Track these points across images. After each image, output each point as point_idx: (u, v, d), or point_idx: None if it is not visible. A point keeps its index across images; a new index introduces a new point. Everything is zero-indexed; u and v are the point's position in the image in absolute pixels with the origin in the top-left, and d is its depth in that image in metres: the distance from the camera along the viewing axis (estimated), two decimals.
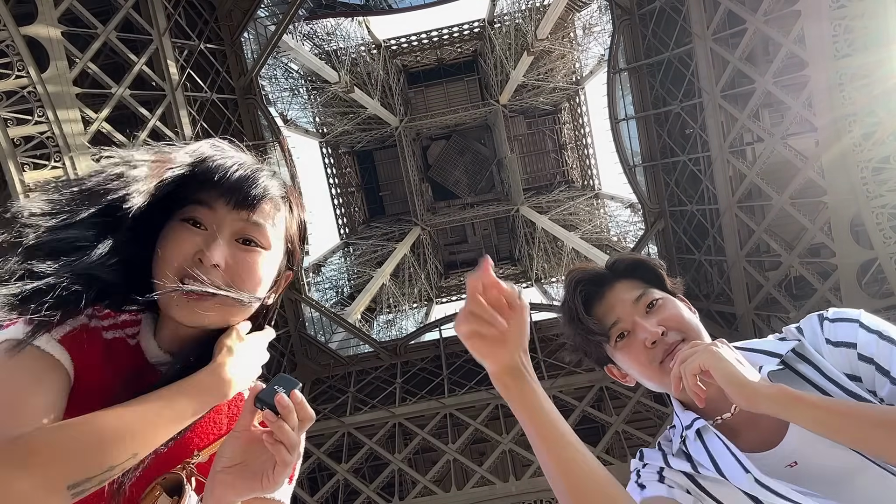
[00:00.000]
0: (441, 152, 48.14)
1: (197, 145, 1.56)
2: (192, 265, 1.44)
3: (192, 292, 1.42)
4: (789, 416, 1.59)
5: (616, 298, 2.01)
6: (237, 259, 1.50)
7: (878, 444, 1.50)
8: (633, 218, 37.84)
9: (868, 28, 17.13)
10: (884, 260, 18.09)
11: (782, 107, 21.25)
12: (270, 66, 34.22)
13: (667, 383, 1.88)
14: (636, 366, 1.97)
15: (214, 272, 1.45)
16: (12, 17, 18.17)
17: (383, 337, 36.31)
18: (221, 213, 1.50)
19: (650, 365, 1.92)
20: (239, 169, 1.52)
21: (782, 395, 1.59)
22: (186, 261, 1.45)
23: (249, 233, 1.53)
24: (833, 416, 1.54)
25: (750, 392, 1.61)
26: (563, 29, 37.92)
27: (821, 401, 1.59)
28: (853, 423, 1.52)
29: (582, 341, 2.09)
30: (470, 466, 23.23)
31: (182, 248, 1.45)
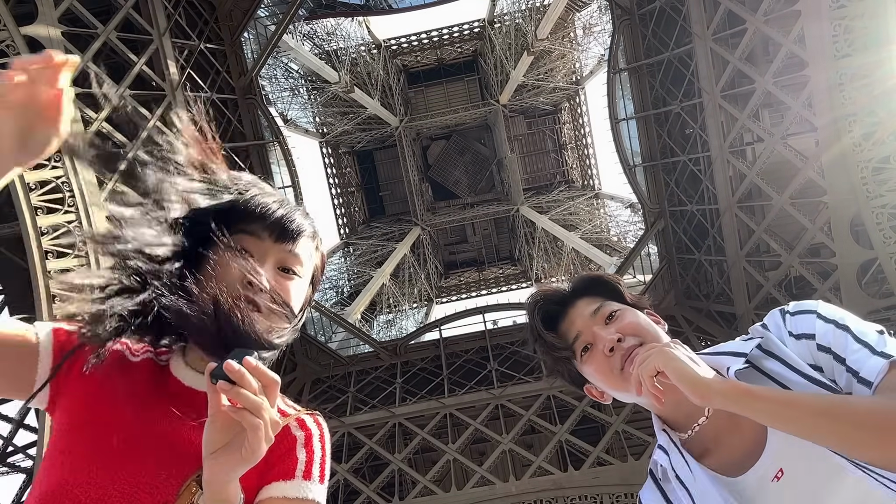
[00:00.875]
0: (441, 152, 48.16)
1: (238, 176, 1.82)
2: (242, 290, 1.64)
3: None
4: (741, 409, 1.62)
5: (576, 314, 2.09)
6: (279, 283, 1.73)
7: (823, 433, 1.53)
8: (633, 218, 37.85)
9: (868, 28, 17.14)
10: (884, 260, 18.10)
11: (782, 107, 21.26)
12: (270, 66, 34.25)
13: (626, 392, 1.95)
14: (600, 376, 2.02)
15: (262, 293, 1.66)
16: (12, 17, 18.16)
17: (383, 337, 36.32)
18: (267, 244, 1.74)
19: (612, 373, 1.97)
20: (281, 207, 1.77)
21: (733, 389, 1.63)
22: (237, 283, 1.64)
23: (289, 263, 1.78)
24: (781, 407, 1.57)
25: (703, 389, 1.65)
26: (563, 29, 37.93)
27: (770, 393, 1.63)
28: (799, 413, 1.55)
29: (552, 361, 2.15)
30: (470, 466, 23.24)
31: (231, 273, 1.64)
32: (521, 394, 25.65)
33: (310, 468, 1.69)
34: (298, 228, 1.78)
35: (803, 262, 21.04)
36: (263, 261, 1.72)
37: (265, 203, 1.75)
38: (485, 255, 49.83)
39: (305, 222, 1.81)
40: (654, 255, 29.42)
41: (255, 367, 1.41)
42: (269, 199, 1.78)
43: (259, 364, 1.43)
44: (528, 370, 26.94)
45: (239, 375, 1.38)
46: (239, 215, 1.73)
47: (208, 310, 1.57)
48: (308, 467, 1.69)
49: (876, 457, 1.51)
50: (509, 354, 28.38)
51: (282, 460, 1.67)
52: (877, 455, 1.50)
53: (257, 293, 1.65)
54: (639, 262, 30.56)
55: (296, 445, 1.71)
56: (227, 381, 1.37)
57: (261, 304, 1.65)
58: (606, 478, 21.75)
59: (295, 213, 1.80)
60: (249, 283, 1.65)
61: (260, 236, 1.73)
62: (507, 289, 49.21)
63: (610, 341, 1.96)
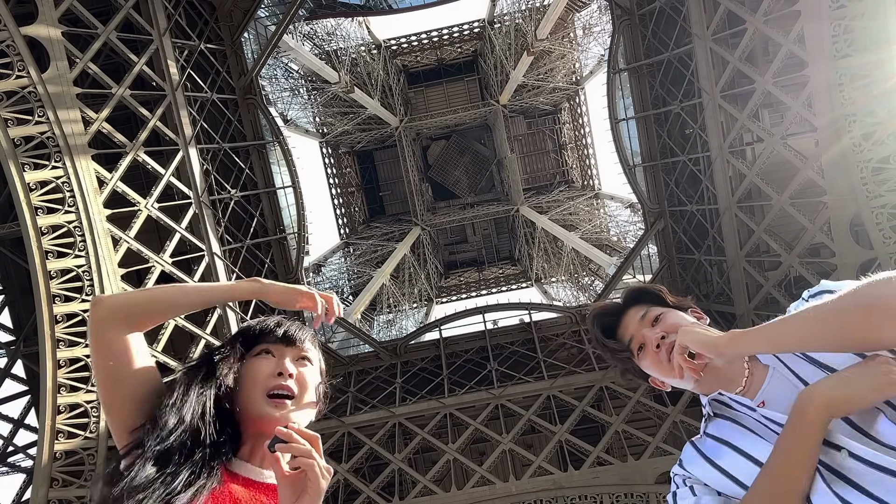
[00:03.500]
0: (441, 152, 48.16)
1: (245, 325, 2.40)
2: (275, 379, 2.17)
3: (276, 396, 2.15)
4: (745, 349, 2.08)
5: (628, 320, 2.57)
6: (299, 372, 2.26)
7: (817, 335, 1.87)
8: (633, 218, 37.85)
9: (868, 28, 17.13)
10: (884, 260, 18.09)
11: (782, 107, 21.26)
12: (270, 66, 34.25)
13: (683, 380, 2.39)
14: (655, 368, 2.48)
15: (290, 380, 2.19)
16: (12, 17, 18.16)
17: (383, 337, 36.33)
18: (282, 349, 2.29)
19: (662, 365, 2.43)
20: (283, 324, 2.34)
21: (732, 336, 2.10)
22: (270, 377, 2.18)
23: (303, 356, 2.32)
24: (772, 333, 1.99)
25: (712, 344, 2.14)
26: (563, 29, 37.94)
27: (759, 328, 2.04)
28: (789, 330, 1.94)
29: (619, 362, 2.63)
30: (470, 466, 23.24)
31: (264, 370, 2.20)
32: (521, 394, 25.66)
33: None
34: (301, 333, 2.34)
35: (803, 262, 21.05)
36: (283, 358, 2.25)
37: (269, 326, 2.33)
38: (485, 255, 49.84)
39: (305, 330, 2.38)
40: (654, 255, 29.42)
41: (298, 429, 1.90)
42: (270, 322, 2.34)
43: (301, 427, 1.93)
44: (529, 370, 26.95)
45: (288, 435, 1.87)
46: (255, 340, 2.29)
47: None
48: None
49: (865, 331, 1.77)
50: (509, 354, 28.38)
51: None
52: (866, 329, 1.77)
53: (287, 378, 2.18)
54: (639, 262, 30.56)
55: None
56: (281, 442, 1.85)
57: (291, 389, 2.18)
58: (606, 478, 21.75)
59: (293, 325, 2.36)
60: (279, 374, 2.18)
61: (275, 344, 2.28)
62: (507, 289, 49.22)
63: (655, 339, 2.43)
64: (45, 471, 18.27)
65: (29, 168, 18.29)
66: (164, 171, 21.71)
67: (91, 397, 18.76)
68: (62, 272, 18.64)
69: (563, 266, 42.01)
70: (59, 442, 18.51)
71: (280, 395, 2.15)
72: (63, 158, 18.72)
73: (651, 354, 2.45)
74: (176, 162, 22.17)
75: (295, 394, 2.17)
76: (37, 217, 18.35)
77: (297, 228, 28.95)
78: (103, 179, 19.72)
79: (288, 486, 1.84)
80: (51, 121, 18.56)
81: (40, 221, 18.40)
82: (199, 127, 24.13)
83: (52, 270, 18.48)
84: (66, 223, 18.76)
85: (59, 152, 18.65)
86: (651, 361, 2.46)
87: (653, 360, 2.45)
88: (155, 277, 20.76)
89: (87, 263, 18.92)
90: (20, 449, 23.69)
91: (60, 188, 18.70)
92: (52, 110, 18.61)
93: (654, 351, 2.43)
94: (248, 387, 2.15)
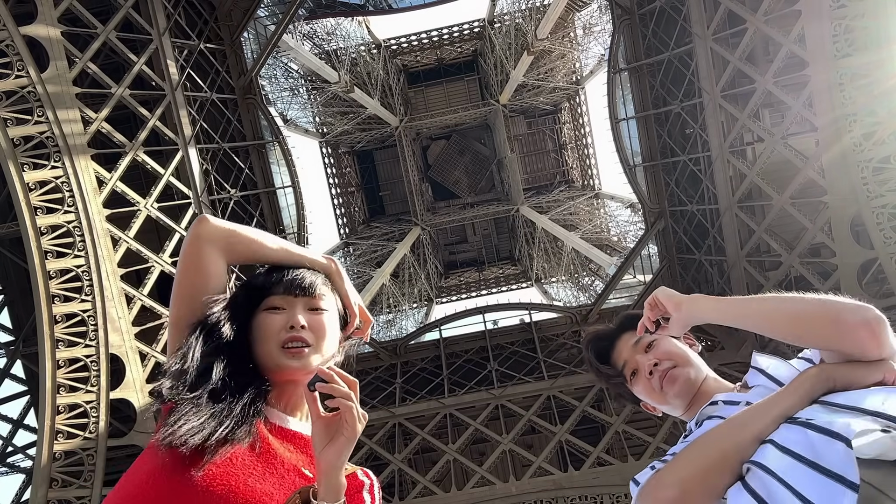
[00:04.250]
0: (441, 152, 48.13)
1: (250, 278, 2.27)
2: (286, 334, 2.07)
3: (292, 348, 2.06)
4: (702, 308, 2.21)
5: (622, 346, 2.61)
6: (313, 320, 2.14)
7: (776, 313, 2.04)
8: (633, 218, 37.82)
9: (868, 28, 17.12)
10: (884, 260, 18.07)
11: (782, 107, 21.24)
12: (270, 65, 34.22)
13: (671, 406, 2.48)
14: (646, 394, 2.53)
15: (303, 331, 2.08)
16: (12, 17, 18.15)
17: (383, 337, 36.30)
18: (291, 300, 2.15)
19: (654, 391, 2.48)
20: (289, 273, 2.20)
21: (696, 296, 2.26)
22: (281, 332, 2.07)
23: (315, 304, 2.18)
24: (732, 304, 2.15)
25: (677, 299, 2.26)
26: (563, 29, 37.90)
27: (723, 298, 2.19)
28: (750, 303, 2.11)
29: (612, 387, 2.69)
30: (470, 466, 23.23)
31: (275, 325, 2.08)
32: (521, 394, 25.64)
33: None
34: (312, 280, 2.21)
35: (803, 262, 21.03)
36: (295, 310, 2.13)
37: (275, 276, 2.20)
38: (485, 255, 49.81)
39: (316, 278, 2.23)
40: (654, 255, 29.41)
41: (339, 371, 1.85)
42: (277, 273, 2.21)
43: (341, 371, 1.86)
44: (529, 370, 26.94)
45: (330, 375, 1.82)
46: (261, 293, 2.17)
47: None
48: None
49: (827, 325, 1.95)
50: (509, 354, 28.37)
51: (351, 499, 2.00)
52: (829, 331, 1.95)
53: (299, 331, 2.07)
54: (639, 262, 30.55)
55: (363, 489, 2.12)
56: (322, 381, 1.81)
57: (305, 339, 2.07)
58: (606, 478, 21.73)
59: (303, 273, 2.21)
60: (291, 326, 2.07)
61: (285, 297, 2.15)
62: (507, 289, 49.19)
63: (648, 366, 2.47)
64: (44, 471, 18.25)
65: (28, 168, 18.27)
66: (164, 170, 21.69)
67: (90, 398, 18.74)
68: (62, 272, 18.62)
69: (563, 266, 41.99)
70: (58, 442, 18.49)
71: (295, 346, 2.07)
72: (62, 158, 18.70)
73: (643, 381, 2.50)
74: (175, 162, 22.15)
75: (311, 343, 2.08)
76: (36, 217, 18.33)
77: (297, 228, 28.94)
78: (103, 179, 19.70)
79: (323, 428, 1.81)
80: (50, 121, 18.54)
81: (40, 221, 18.38)
82: (199, 127, 24.11)
83: (51, 270, 18.46)
84: (66, 223, 18.74)
85: (59, 152, 18.64)
86: (643, 387, 2.51)
87: (645, 386, 2.50)
88: (154, 277, 20.74)
89: (86, 263, 18.90)
90: (19, 449, 23.67)
91: (60, 188, 18.68)
92: (52, 110, 18.60)
93: (646, 377, 2.48)
94: (260, 343, 2.07)
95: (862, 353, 1.93)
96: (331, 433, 1.81)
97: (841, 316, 1.93)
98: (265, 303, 2.14)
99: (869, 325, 1.91)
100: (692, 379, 2.42)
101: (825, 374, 1.94)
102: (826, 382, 1.93)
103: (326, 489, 1.78)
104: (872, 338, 1.91)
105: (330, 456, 1.79)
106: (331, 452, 1.79)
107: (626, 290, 31.82)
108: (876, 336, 1.91)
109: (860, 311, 1.93)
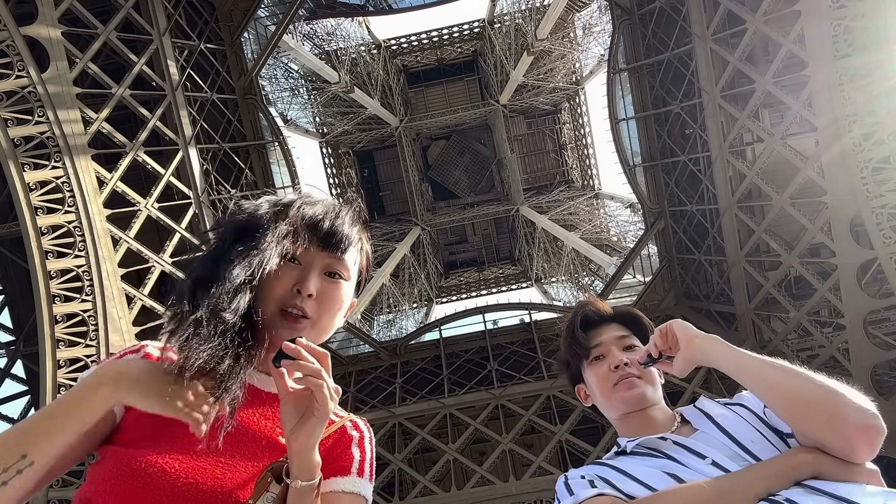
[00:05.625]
0: (441, 152, 48.13)
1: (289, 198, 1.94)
2: (291, 297, 1.83)
3: (290, 315, 1.82)
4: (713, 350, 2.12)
5: (607, 330, 2.57)
6: (325, 289, 1.89)
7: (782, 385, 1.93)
8: (633, 218, 37.84)
9: (868, 28, 17.12)
10: (884, 260, 18.07)
11: (782, 107, 21.25)
12: (270, 66, 34.23)
13: (612, 399, 2.43)
14: (599, 381, 2.49)
15: (308, 301, 1.84)
16: (12, 17, 18.16)
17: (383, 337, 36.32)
18: (313, 253, 1.89)
19: (606, 384, 2.45)
20: (327, 218, 1.91)
21: (712, 337, 2.16)
22: (286, 293, 1.83)
23: (336, 268, 1.93)
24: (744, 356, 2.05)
25: (691, 333, 2.19)
26: (563, 29, 37.92)
27: (739, 348, 2.10)
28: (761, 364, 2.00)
29: (569, 354, 2.63)
30: (470, 466, 23.24)
31: (283, 282, 1.83)
32: (521, 394, 25.66)
33: (363, 466, 1.91)
34: (346, 238, 1.92)
35: (803, 262, 21.04)
36: (311, 268, 1.87)
37: (313, 215, 1.90)
38: (485, 255, 49.82)
39: (352, 232, 1.95)
40: (654, 255, 29.42)
41: (306, 345, 1.65)
42: (317, 211, 1.92)
43: (309, 343, 1.67)
44: (528, 370, 26.95)
45: (296, 351, 1.62)
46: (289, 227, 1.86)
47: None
48: (361, 465, 1.91)
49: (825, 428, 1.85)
50: (509, 354, 28.38)
51: (340, 457, 1.89)
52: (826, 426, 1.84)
53: (304, 300, 1.83)
54: (639, 262, 30.56)
55: (351, 444, 1.94)
56: (287, 358, 1.62)
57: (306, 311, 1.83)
58: None
59: (344, 223, 1.93)
60: (298, 291, 1.83)
61: (307, 246, 1.87)
62: (507, 289, 49.21)
63: (619, 360, 2.45)
64: None
65: (29, 168, 18.28)
66: (164, 171, 21.71)
67: None
68: (62, 272, 18.63)
69: (563, 266, 42.00)
70: None
71: (294, 314, 1.84)
72: (63, 158, 18.71)
73: (603, 371, 2.46)
74: (176, 162, 22.18)
75: (311, 316, 1.84)
76: (37, 217, 18.33)
77: None
78: (103, 179, 19.72)
79: (292, 406, 1.64)
80: (51, 121, 18.55)
81: (40, 221, 18.38)
82: (199, 127, 24.13)
83: (51, 270, 18.47)
84: (66, 223, 18.75)
85: (59, 152, 18.65)
86: (600, 375, 2.47)
87: (601, 376, 2.47)
88: (155, 277, 20.77)
89: (86, 263, 18.91)
90: None
91: (60, 188, 18.69)
92: (52, 110, 18.61)
93: (609, 369, 2.45)
94: (263, 293, 1.80)
95: (848, 455, 1.85)
96: (301, 411, 1.64)
97: (842, 411, 1.82)
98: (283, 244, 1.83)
99: (868, 434, 1.82)
100: (647, 397, 2.38)
101: (817, 464, 1.86)
102: (815, 469, 1.86)
103: (298, 469, 1.65)
104: (866, 445, 1.83)
105: (300, 437, 1.63)
106: (301, 433, 1.63)
107: (626, 290, 31.84)
108: (870, 445, 1.83)
109: (865, 415, 1.82)
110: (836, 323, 20.82)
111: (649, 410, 2.37)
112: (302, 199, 1.95)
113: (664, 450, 2.14)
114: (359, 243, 2.00)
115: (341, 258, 1.92)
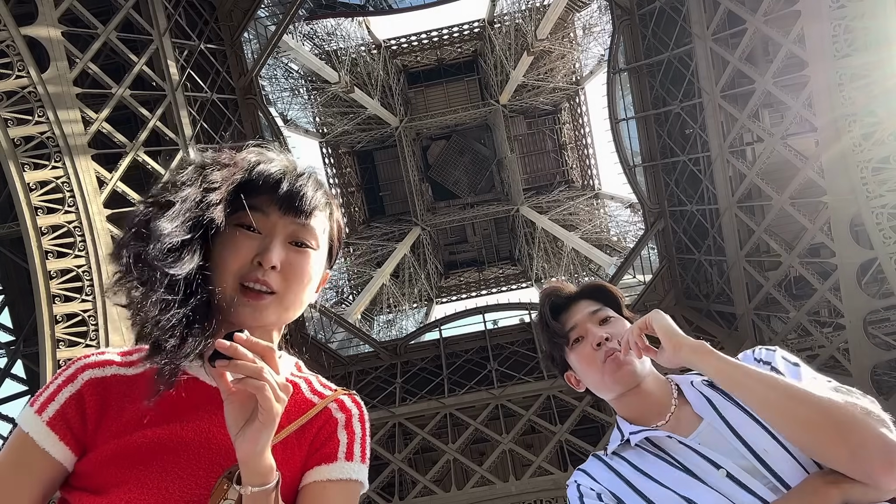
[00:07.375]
0: (441, 152, 48.13)
1: (244, 153, 1.72)
2: (252, 270, 1.60)
3: (250, 292, 1.59)
4: (703, 365, 1.98)
5: (578, 310, 2.45)
6: (290, 260, 1.65)
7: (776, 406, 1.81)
8: (633, 218, 37.84)
9: (868, 28, 17.13)
10: (884, 260, 18.07)
11: (782, 107, 21.26)
12: (270, 66, 34.23)
13: (605, 381, 2.32)
14: (583, 365, 2.39)
15: (271, 273, 1.61)
16: (12, 17, 18.16)
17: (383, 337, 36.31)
18: (274, 219, 1.65)
19: (594, 363, 2.33)
20: (287, 178, 1.66)
21: (701, 346, 2.01)
22: (245, 265, 1.60)
23: (301, 236, 1.69)
24: (734, 370, 1.93)
25: (678, 340, 2.05)
26: (563, 29, 37.92)
27: (731, 359, 1.98)
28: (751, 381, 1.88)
29: (550, 346, 2.53)
30: (470, 466, 23.24)
31: (241, 254, 1.60)
32: (521, 394, 25.66)
33: (351, 449, 1.72)
34: (311, 201, 1.67)
35: (803, 262, 21.04)
36: (273, 236, 1.64)
37: (272, 175, 1.65)
38: (485, 255, 49.81)
39: (317, 194, 1.71)
40: (654, 255, 29.42)
41: (245, 340, 1.43)
42: (273, 168, 1.67)
43: (249, 336, 1.44)
44: (528, 370, 26.94)
45: (232, 350, 1.40)
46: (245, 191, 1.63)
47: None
48: (350, 448, 1.72)
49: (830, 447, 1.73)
50: (509, 354, 28.38)
51: (325, 443, 1.71)
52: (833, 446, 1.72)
53: (267, 273, 1.60)
54: (639, 262, 30.56)
55: (337, 428, 1.74)
56: (222, 358, 1.40)
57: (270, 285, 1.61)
58: None
59: (307, 183, 1.69)
60: (259, 263, 1.60)
61: (266, 211, 1.64)
62: (507, 289, 49.20)
63: (599, 337, 2.33)
64: None
65: (29, 168, 18.28)
66: (165, 171, 21.71)
67: None
68: (62, 272, 18.62)
69: (563, 266, 42.00)
70: None
71: (255, 288, 1.60)
72: (63, 158, 18.71)
73: (587, 351, 2.35)
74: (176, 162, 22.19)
75: (276, 289, 1.61)
76: (37, 217, 18.33)
77: None
78: (103, 179, 19.72)
79: (237, 407, 1.44)
80: (51, 121, 18.55)
81: (40, 221, 18.38)
82: (199, 127, 24.14)
83: (51, 270, 18.47)
84: (66, 223, 18.75)
85: (59, 152, 18.65)
86: (583, 357, 2.37)
87: (586, 357, 2.35)
88: None
89: (86, 263, 18.91)
90: None
91: (60, 188, 18.69)
92: (52, 110, 18.61)
93: (591, 348, 2.33)
94: (217, 266, 1.57)
95: (872, 483, 1.70)
96: (247, 413, 1.44)
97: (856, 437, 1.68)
98: (238, 215, 1.60)
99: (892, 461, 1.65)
100: (637, 372, 2.26)
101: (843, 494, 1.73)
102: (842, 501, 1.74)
103: (249, 476, 1.45)
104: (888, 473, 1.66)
105: (245, 445, 1.43)
106: (247, 439, 1.43)
107: (626, 289, 31.83)
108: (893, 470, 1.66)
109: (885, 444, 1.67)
110: (836, 323, 20.83)
111: (643, 385, 2.28)
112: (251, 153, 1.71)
113: (673, 453, 2.07)
114: (326, 208, 1.77)
115: (306, 224, 1.68)
